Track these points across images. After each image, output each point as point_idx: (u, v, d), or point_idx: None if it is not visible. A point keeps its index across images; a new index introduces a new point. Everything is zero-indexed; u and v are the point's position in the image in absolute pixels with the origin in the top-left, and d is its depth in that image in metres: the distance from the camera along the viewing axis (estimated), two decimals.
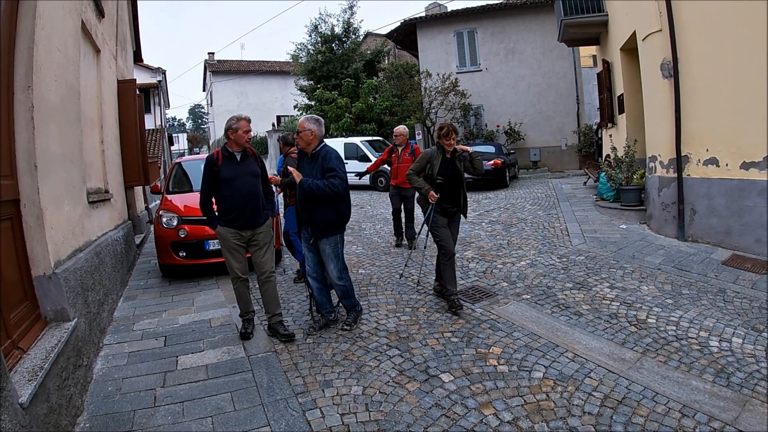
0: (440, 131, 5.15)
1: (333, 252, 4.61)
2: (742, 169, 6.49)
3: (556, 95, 20.21)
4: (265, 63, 40.38)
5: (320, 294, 4.86)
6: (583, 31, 12.66)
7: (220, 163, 4.49)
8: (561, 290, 5.58)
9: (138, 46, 11.69)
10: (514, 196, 12.69)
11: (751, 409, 3.19)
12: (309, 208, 4.53)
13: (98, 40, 6.31)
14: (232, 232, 4.49)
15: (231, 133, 4.50)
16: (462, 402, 3.42)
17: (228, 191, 4.47)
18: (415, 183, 5.19)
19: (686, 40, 7.03)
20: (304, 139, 4.56)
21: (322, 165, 4.48)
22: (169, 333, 4.94)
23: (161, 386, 3.81)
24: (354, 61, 23.25)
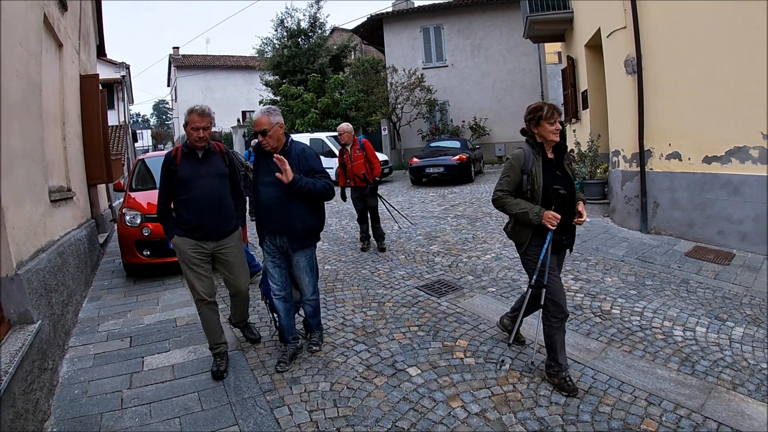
0: (535, 114, 3.39)
1: (309, 264, 3.98)
2: (705, 163, 6.63)
3: (521, 91, 20.40)
4: (231, 58, 39.87)
5: (288, 317, 4.08)
6: (549, 27, 12.79)
7: (177, 162, 3.78)
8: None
9: (101, 40, 11.31)
10: (479, 191, 12.77)
11: (717, 396, 3.23)
12: (286, 214, 3.77)
13: (61, 34, 6.11)
14: (191, 243, 3.76)
15: (184, 127, 3.81)
16: (430, 395, 3.39)
17: (185, 195, 3.75)
18: (513, 208, 3.38)
19: (650, 37, 7.13)
20: (274, 137, 3.72)
21: (300, 165, 3.75)
22: (134, 333, 4.80)
23: (128, 388, 3.72)
24: (320, 56, 23.07)
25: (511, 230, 3.62)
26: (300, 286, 4.05)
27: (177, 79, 37.71)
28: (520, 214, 3.35)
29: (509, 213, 3.45)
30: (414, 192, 13.53)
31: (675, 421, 2.98)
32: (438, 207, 10.75)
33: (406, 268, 6.34)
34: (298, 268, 3.95)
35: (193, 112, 3.70)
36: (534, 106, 3.46)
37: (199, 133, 3.71)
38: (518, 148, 3.55)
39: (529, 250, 3.48)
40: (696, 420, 3.00)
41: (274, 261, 3.98)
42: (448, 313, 4.82)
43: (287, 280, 4.03)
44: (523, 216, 3.33)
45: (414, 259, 6.73)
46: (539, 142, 3.45)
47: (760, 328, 4.23)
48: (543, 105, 3.40)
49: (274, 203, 3.78)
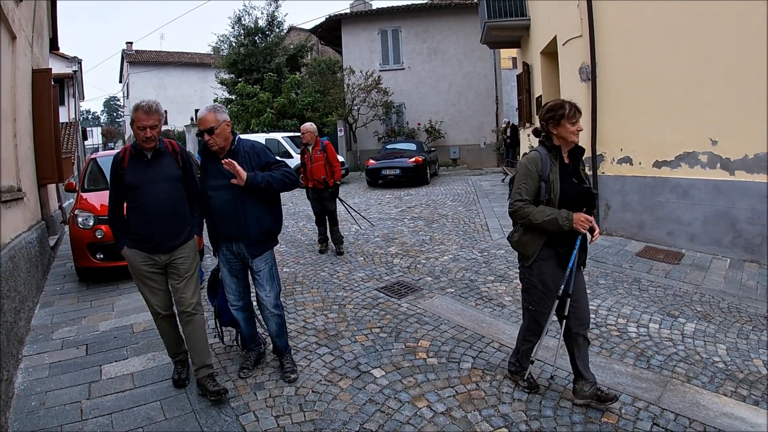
0: (555, 112, 3.03)
1: (269, 271, 3.65)
2: (655, 168, 6.94)
3: (476, 95, 20.75)
4: (185, 54, 38.93)
5: (249, 325, 3.86)
6: (506, 34, 13.07)
7: (125, 165, 3.39)
8: (483, 283, 5.67)
9: (55, 33, 10.86)
10: (435, 193, 12.88)
11: (672, 389, 3.38)
12: (241, 218, 3.47)
13: (15, 26, 5.85)
14: (142, 255, 3.41)
15: (131, 126, 3.39)
16: (395, 396, 3.40)
17: (134, 202, 3.39)
18: (539, 216, 2.97)
19: (605, 45, 7.39)
20: (221, 135, 3.45)
21: (253, 162, 3.51)
22: (90, 341, 4.61)
23: (87, 398, 3.56)
24: (277, 56, 22.76)
25: (518, 240, 3.20)
26: (260, 296, 3.68)
27: (129, 75, 36.66)
28: (548, 222, 2.94)
29: (534, 224, 2.98)
30: (370, 194, 13.54)
31: (634, 414, 3.10)
32: (395, 209, 10.79)
33: (365, 270, 6.33)
34: (259, 275, 3.63)
35: (138, 109, 3.30)
36: (553, 103, 3.09)
37: (146, 132, 3.29)
38: (532, 151, 3.16)
39: (535, 265, 3.13)
40: (654, 412, 3.12)
41: (232, 270, 3.69)
42: (409, 314, 4.84)
43: (245, 289, 3.79)
44: (552, 224, 2.93)
45: (373, 261, 6.73)
46: (556, 145, 3.09)
47: (711, 324, 4.45)
48: (564, 102, 3.05)
49: (228, 207, 3.49)
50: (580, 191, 3.05)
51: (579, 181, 3.10)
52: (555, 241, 3.05)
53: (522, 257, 3.22)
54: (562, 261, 3.08)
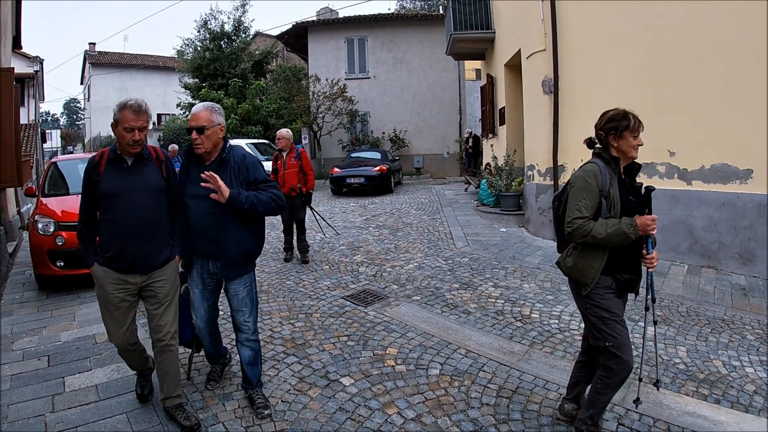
0: (618, 123, 2.79)
1: (249, 295, 3.31)
2: None
3: (440, 106, 21.01)
4: (149, 57, 38.06)
5: (215, 344, 3.63)
6: (471, 46, 13.32)
7: (101, 170, 3.02)
8: (449, 291, 5.73)
9: (18, 31, 10.46)
10: (399, 202, 12.95)
11: (636, 390, 3.41)
12: (222, 235, 3.13)
13: None
14: (113, 277, 3.02)
15: (113, 127, 3.02)
16: (365, 404, 3.41)
17: (109, 213, 3.01)
18: (602, 230, 2.63)
19: (567, 59, 7.62)
20: (212, 138, 3.13)
21: (241, 175, 3.18)
22: (52, 352, 4.47)
23: (51, 411, 3.44)
24: (242, 61, 22.56)
25: (574, 266, 2.80)
26: (237, 322, 3.32)
27: (91, 77, 35.71)
28: (613, 233, 2.61)
29: (598, 239, 2.62)
30: (335, 202, 13.51)
31: None
32: (359, 217, 10.80)
33: (331, 279, 6.32)
34: (237, 299, 3.28)
35: (126, 108, 2.94)
36: (615, 113, 2.84)
37: (134, 135, 2.95)
38: (588, 163, 2.85)
39: (593, 294, 2.76)
40: (618, 412, 3.24)
41: (204, 292, 3.35)
42: (376, 322, 4.86)
43: (215, 314, 3.51)
44: (618, 235, 2.61)
45: (338, 270, 6.72)
46: (615, 157, 2.80)
47: (671, 327, 4.63)
48: (627, 113, 2.80)
49: (207, 220, 3.14)
50: (634, 207, 2.74)
51: (637, 196, 2.80)
52: (614, 266, 2.74)
53: (580, 285, 2.81)
54: (622, 289, 2.82)
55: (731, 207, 6.14)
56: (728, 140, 6.15)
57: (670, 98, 6.51)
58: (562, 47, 7.62)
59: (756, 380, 3.67)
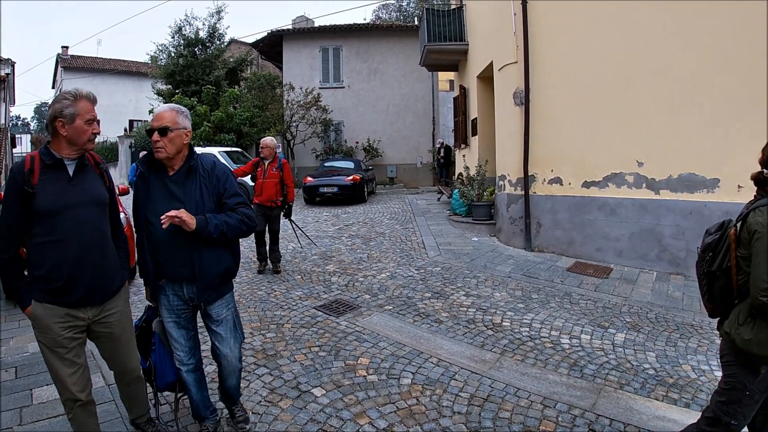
0: None
1: (233, 318, 2.99)
2: (584, 187, 7.32)
3: (413, 116, 21.10)
4: (122, 62, 37.44)
5: (201, 388, 3.09)
6: (444, 57, 13.49)
7: (35, 180, 2.41)
8: (421, 300, 5.75)
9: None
10: (372, 211, 12.97)
11: (606, 395, 3.56)
12: (195, 255, 2.74)
13: None
14: (60, 315, 2.47)
15: (62, 123, 2.46)
16: (337, 414, 3.38)
17: (50, 234, 2.44)
18: None
19: (538, 72, 7.76)
20: (175, 142, 2.73)
21: (211, 186, 2.82)
22: (19, 363, 4.33)
23: (18, 424, 3.34)
24: (216, 68, 22.32)
25: (753, 339, 2.19)
26: (219, 349, 2.94)
27: (63, 81, 34.87)
28: None
29: None
30: (308, 211, 13.46)
31: (570, 421, 3.23)
32: (332, 226, 10.79)
33: (302, 289, 6.27)
34: (220, 324, 2.91)
35: (81, 97, 2.53)
36: None
37: (95, 127, 2.53)
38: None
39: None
40: (589, 418, 3.27)
41: (179, 320, 2.91)
42: (348, 332, 4.84)
43: (196, 343, 3.05)
44: None
45: (310, 279, 6.68)
46: None
47: (640, 333, 4.71)
48: None
49: (177, 240, 2.69)
50: None
51: None
52: None
53: (761, 360, 2.21)
54: None
55: (698, 215, 6.31)
56: (695, 150, 6.35)
57: (638, 109, 6.73)
58: (534, 59, 7.75)
59: None
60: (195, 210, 2.68)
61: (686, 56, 6.30)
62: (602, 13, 7.07)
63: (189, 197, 2.73)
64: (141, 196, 2.81)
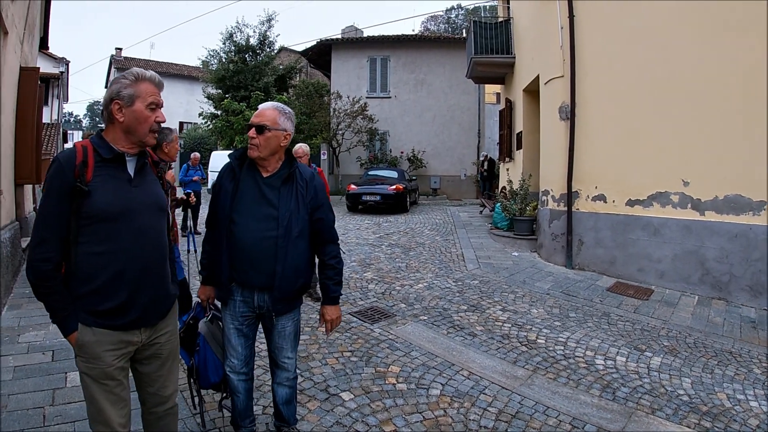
0: None
1: (296, 330, 2.89)
2: (628, 206, 7.16)
3: (459, 128, 21.10)
4: (174, 65, 38.66)
5: (247, 398, 2.97)
6: (491, 70, 13.45)
7: (90, 176, 1.95)
8: (456, 312, 5.72)
9: (46, 32, 10.79)
10: (413, 221, 12.98)
11: (637, 420, 3.45)
12: (280, 265, 2.58)
13: (7, 21, 5.80)
14: (112, 340, 2.03)
15: (119, 106, 2.00)
16: (363, 419, 3.40)
17: (105, 244, 1.98)
18: None
19: (585, 86, 7.66)
20: (271, 143, 2.58)
21: (310, 196, 2.69)
22: (56, 347, 4.49)
23: (50, 404, 3.47)
24: (266, 75, 22.87)
25: None
26: (277, 359, 2.87)
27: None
28: None
29: None
30: (350, 218, 13.58)
31: None
32: (373, 234, 10.85)
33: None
34: (282, 336, 2.81)
35: (144, 78, 2.04)
36: None
37: (159, 115, 2.09)
38: None
39: None
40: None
41: (241, 328, 2.78)
42: (381, 339, 4.87)
43: (252, 352, 2.93)
44: None
45: (348, 285, 6.74)
46: None
47: (677, 358, 4.56)
48: None
49: (262, 247, 2.57)
50: None
51: None
52: None
53: None
54: None
55: (744, 238, 6.10)
56: (743, 171, 6.13)
57: (686, 127, 6.53)
58: (580, 74, 7.67)
59: (760, 414, 3.61)
60: (288, 218, 2.58)
61: (739, 74, 6.10)
62: (650, 26, 6.92)
63: (283, 204, 2.59)
64: (227, 192, 2.64)
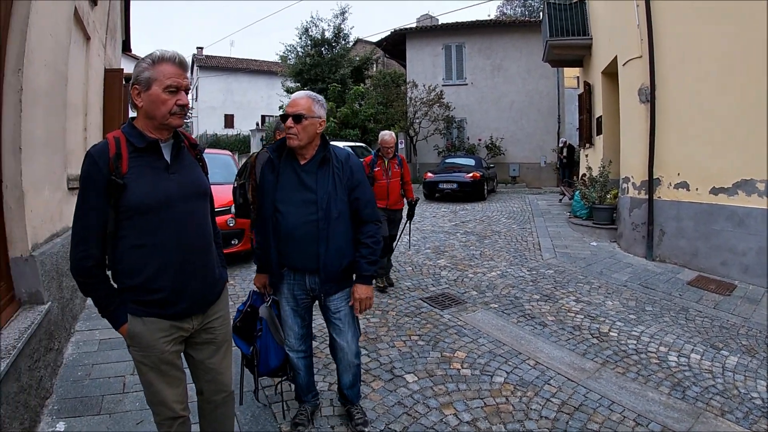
0: None
1: (352, 313, 2.91)
2: (711, 194, 6.71)
3: (537, 113, 20.57)
4: (254, 62, 40.13)
5: (308, 374, 3.13)
6: (567, 53, 12.99)
7: (125, 168, 1.93)
8: (528, 301, 5.68)
9: (127, 35, 11.60)
10: (490, 209, 12.90)
11: (704, 422, 3.30)
12: (323, 246, 2.69)
13: (89, 28, 6.25)
14: (164, 329, 2.06)
15: (137, 91, 1.98)
16: (424, 402, 3.48)
17: (148, 237, 1.98)
18: None
19: (664, 67, 7.26)
20: (308, 130, 2.67)
21: (346, 177, 2.77)
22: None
23: (131, 374, 3.75)
24: (342, 67, 23.31)
25: None
26: (337, 343, 2.93)
27: (199, 79, 37.99)
28: None
29: None
30: (426, 206, 13.64)
31: None
32: (449, 222, 10.88)
33: (412, 280, 6.46)
34: (338, 317, 2.87)
35: (163, 59, 1.95)
36: None
37: (180, 98, 1.98)
38: None
39: None
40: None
41: (297, 310, 2.89)
42: (450, 325, 4.92)
43: (309, 331, 3.05)
44: None
45: (421, 272, 6.85)
46: None
47: (755, 359, 4.30)
48: None
49: (306, 231, 2.67)
50: None
51: None
52: None
53: None
54: None
55: None
56: None
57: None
58: (659, 53, 7.27)
59: None
60: (327, 201, 2.67)
61: None
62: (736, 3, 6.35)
63: (321, 187, 2.69)
64: (270, 183, 2.75)
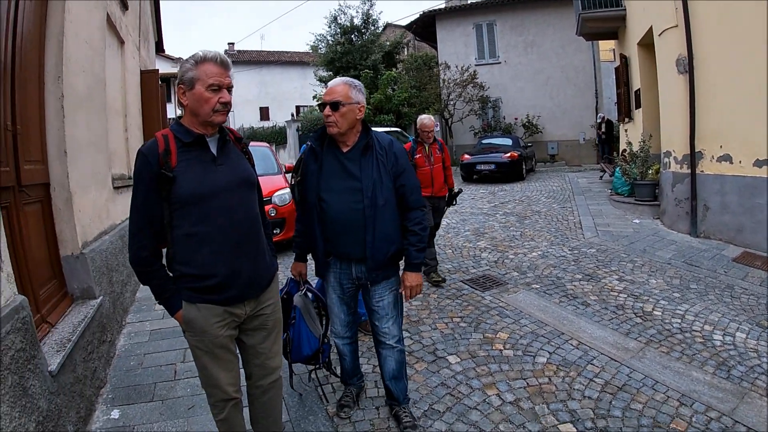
0: None
1: (395, 300, 2.90)
2: (755, 167, 6.44)
3: (574, 89, 20.13)
4: (285, 53, 40.42)
5: (354, 359, 3.21)
6: (601, 25, 12.64)
7: (174, 162, 2.06)
8: (570, 281, 5.65)
9: (160, 36, 11.89)
10: (529, 189, 12.81)
11: (749, 402, 3.23)
12: (369, 234, 2.67)
13: (122, 32, 6.44)
14: (218, 315, 2.16)
15: (182, 90, 2.11)
16: (467, 382, 3.53)
17: (199, 225, 2.09)
18: None
19: (702, 36, 7.00)
20: (348, 117, 2.63)
21: (391, 163, 2.73)
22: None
23: (182, 361, 3.90)
24: (373, 53, 23.28)
25: None
26: (377, 329, 2.94)
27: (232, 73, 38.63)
28: None
29: None
30: (464, 188, 13.53)
31: (704, 423, 3.00)
32: (488, 204, 10.86)
33: (452, 262, 6.49)
34: (381, 306, 2.87)
35: (206, 60, 2.08)
36: None
37: (223, 95, 2.11)
38: None
39: None
40: (725, 423, 3.00)
41: (344, 297, 2.91)
42: (491, 306, 4.94)
43: (354, 319, 3.07)
44: None
45: (461, 254, 6.87)
46: None
47: None
48: None
49: (352, 218, 2.65)
50: None
51: None
52: None
53: None
54: None
55: None
56: None
57: None
58: (696, 22, 7.00)
59: None
60: (372, 189, 2.63)
61: None
62: None
63: (365, 175, 2.65)
64: (313, 173, 2.74)
